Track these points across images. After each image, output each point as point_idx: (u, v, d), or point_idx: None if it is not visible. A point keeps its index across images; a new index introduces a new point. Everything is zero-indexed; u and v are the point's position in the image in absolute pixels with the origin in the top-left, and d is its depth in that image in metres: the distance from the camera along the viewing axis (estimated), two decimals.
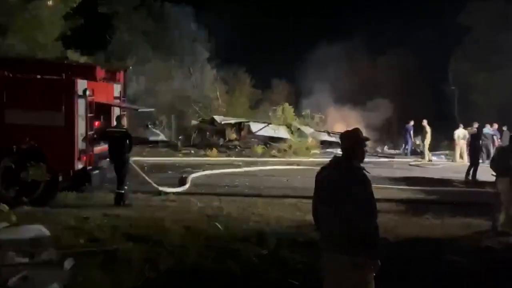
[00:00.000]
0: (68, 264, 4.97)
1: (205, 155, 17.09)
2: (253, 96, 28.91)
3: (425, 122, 17.44)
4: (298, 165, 14.88)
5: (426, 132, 17.17)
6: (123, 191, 8.34)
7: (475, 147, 12.99)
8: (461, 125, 16.73)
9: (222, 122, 20.37)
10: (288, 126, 19.99)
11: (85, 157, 8.20)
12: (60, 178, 8.13)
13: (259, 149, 18.32)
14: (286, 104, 21.00)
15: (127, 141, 8.46)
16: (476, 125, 14.34)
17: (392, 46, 27.97)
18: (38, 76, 8.30)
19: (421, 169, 15.27)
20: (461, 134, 16.41)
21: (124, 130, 8.59)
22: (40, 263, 5.03)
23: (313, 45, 26.74)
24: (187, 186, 10.29)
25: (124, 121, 8.92)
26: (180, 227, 6.75)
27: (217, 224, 6.92)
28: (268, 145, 18.88)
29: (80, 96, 8.02)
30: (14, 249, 5.32)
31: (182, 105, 24.53)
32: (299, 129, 20.07)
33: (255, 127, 20.01)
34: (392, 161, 17.34)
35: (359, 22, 27.12)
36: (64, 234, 6.22)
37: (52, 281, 4.51)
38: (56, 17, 20.04)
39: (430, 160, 17.07)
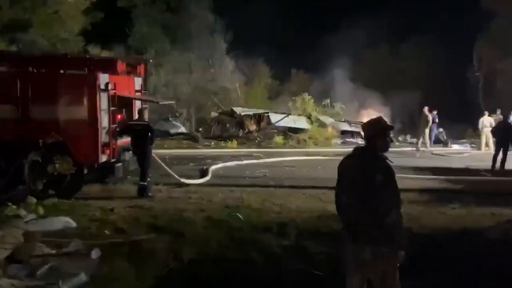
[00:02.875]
0: (94, 254, 5.08)
1: (225, 147, 17.16)
2: (272, 87, 28.79)
3: (426, 109, 17.00)
4: (318, 155, 14.78)
5: (427, 121, 16.76)
6: (145, 183, 8.45)
7: (504, 135, 12.46)
8: (487, 113, 16.27)
9: (242, 114, 20.35)
10: (308, 117, 19.86)
11: (108, 150, 8.33)
12: (85, 171, 8.32)
13: (279, 140, 18.28)
14: (306, 94, 20.85)
15: (149, 134, 8.56)
16: (499, 112, 13.85)
17: (414, 33, 27.32)
18: (61, 71, 8.45)
19: (445, 158, 14.97)
20: (486, 121, 15.96)
21: (146, 123, 8.68)
22: (68, 254, 5.15)
23: (332, 34, 26.35)
24: (208, 177, 10.37)
25: (146, 114, 9.00)
26: (202, 218, 6.83)
27: (238, 215, 6.95)
28: (288, 136, 18.81)
29: (102, 90, 8.12)
30: (42, 240, 5.48)
31: (202, 97, 24.64)
32: (319, 119, 19.92)
33: (274, 118, 19.94)
34: (415, 150, 17.04)
35: (380, 8, 26.54)
36: (90, 226, 6.38)
37: (79, 271, 4.62)
38: (76, 12, 20.39)
39: (426, 147, 16.75)
